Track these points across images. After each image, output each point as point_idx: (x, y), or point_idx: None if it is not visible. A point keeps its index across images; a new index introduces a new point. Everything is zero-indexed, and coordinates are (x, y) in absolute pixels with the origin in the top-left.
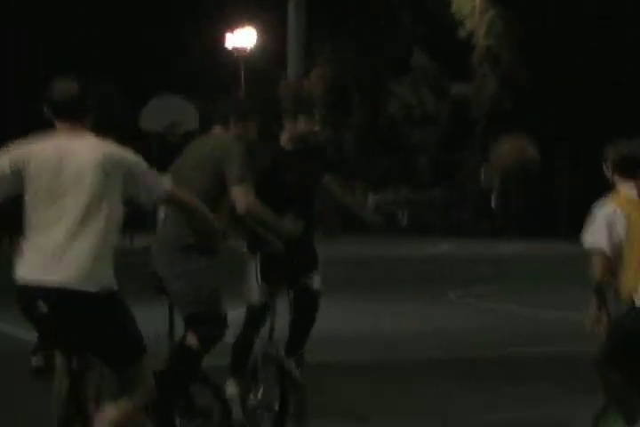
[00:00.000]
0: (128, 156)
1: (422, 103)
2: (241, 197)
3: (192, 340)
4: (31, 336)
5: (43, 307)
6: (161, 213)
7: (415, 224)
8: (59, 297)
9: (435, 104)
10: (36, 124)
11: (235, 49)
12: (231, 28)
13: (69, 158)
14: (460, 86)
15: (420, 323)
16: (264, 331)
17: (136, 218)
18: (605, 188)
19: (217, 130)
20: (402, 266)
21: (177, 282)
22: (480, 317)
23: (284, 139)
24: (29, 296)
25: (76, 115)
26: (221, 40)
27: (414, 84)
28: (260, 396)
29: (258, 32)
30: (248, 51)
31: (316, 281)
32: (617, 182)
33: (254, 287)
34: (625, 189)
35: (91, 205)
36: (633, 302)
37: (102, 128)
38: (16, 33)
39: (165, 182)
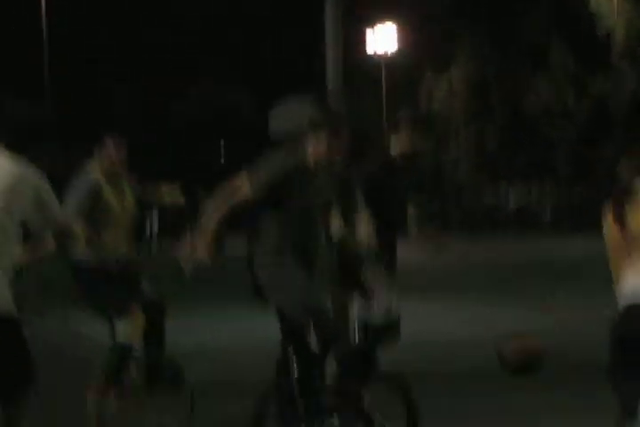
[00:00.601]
0: (40, 180)
1: (561, 99)
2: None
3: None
4: None
5: None
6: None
7: (556, 220)
8: None
9: (574, 100)
10: None
11: (375, 51)
12: (370, 25)
13: None
14: (599, 83)
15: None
16: None
17: None
18: None
19: None
20: (537, 266)
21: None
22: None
23: (394, 153)
24: None
25: None
26: (359, 40)
27: (553, 79)
28: None
29: (398, 31)
30: (389, 53)
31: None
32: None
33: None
34: None
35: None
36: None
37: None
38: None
39: (62, 213)
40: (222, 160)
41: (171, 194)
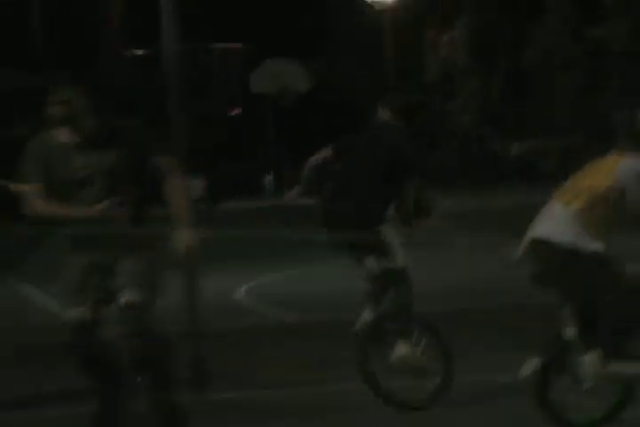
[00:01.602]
0: None
1: (561, 48)
2: None
3: None
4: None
5: None
6: None
7: (560, 172)
8: None
9: (572, 48)
10: None
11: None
12: None
13: None
14: (595, 29)
15: None
16: None
17: None
18: None
19: None
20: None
21: None
22: None
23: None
24: None
25: None
26: None
27: (552, 28)
28: None
29: None
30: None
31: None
32: None
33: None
34: None
35: None
36: None
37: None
38: None
39: None
40: None
41: None
